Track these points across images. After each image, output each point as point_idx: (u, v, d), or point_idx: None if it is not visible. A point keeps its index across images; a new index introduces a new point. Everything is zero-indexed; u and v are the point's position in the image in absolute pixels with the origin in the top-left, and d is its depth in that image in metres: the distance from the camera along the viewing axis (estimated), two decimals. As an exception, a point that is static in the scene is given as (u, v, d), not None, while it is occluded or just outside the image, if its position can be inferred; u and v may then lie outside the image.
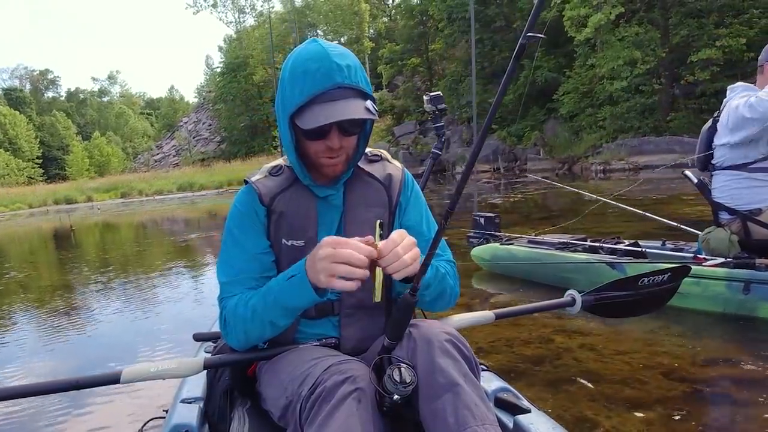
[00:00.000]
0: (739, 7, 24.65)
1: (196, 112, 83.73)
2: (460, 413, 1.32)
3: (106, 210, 33.69)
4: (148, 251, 12.78)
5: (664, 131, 25.38)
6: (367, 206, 1.75)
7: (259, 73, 59.01)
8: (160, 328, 5.65)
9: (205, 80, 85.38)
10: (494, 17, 35.44)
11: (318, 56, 1.52)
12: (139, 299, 7.13)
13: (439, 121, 3.95)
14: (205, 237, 14.41)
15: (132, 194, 45.15)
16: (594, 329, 4.24)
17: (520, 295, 5.50)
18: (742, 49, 23.24)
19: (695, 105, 25.28)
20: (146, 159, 78.45)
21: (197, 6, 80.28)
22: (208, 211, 24.83)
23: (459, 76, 38.40)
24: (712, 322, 4.23)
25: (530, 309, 2.20)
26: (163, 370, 1.66)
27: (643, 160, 23.83)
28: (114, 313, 6.44)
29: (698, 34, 24.43)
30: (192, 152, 68.93)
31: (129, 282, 8.49)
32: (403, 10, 50.98)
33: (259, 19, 69.57)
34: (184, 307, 6.49)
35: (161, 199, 40.17)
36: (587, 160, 26.80)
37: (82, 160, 67.13)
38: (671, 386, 3.17)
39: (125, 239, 17.00)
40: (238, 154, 58.90)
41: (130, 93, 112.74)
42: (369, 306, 1.70)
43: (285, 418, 1.51)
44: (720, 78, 23.78)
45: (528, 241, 6.14)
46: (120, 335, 5.59)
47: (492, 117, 1.32)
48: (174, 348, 4.89)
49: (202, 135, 74.39)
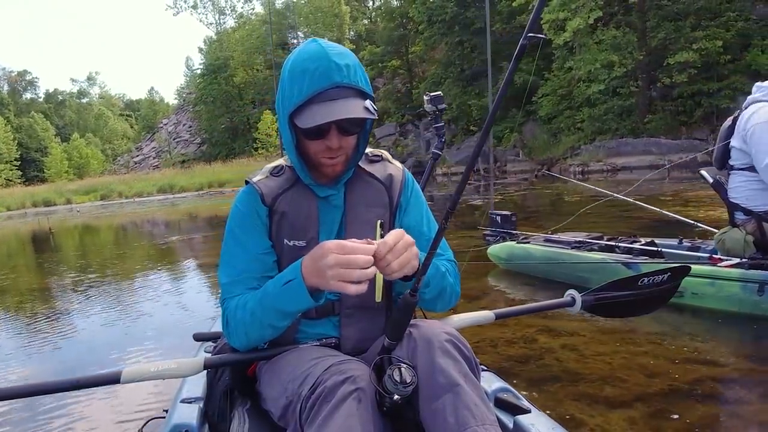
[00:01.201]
0: (716, 9, 25.02)
1: (177, 114, 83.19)
2: (460, 413, 1.33)
3: (86, 212, 33.46)
4: (128, 254, 12.75)
5: (642, 133, 25.75)
6: (367, 206, 1.75)
7: (239, 75, 58.86)
8: (140, 331, 5.62)
9: (186, 82, 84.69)
10: (474, 19, 35.61)
11: (317, 56, 1.53)
12: (119, 302, 7.11)
13: (439, 121, 3.98)
14: (185, 239, 14.39)
15: (112, 196, 44.82)
16: (577, 329, 4.29)
17: (534, 293, 5.53)
18: (718, 52, 23.64)
19: (672, 107, 25.66)
20: (126, 161, 77.90)
21: (177, 7, 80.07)
22: (189, 213, 24.75)
23: (439, 78, 38.62)
24: (691, 320, 4.31)
25: (530, 309, 2.22)
26: (163, 370, 1.67)
27: (621, 162, 24.16)
28: (94, 317, 6.40)
29: (675, 36, 24.78)
30: (172, 154, 68.57)
31: (109, 285, 8.46)
32: (383, 13, 51.26)
33: (239, 21, 69.45)
34: (165, 310, 6.46)
35: (141, 201, 39.90)
36: (566, 161, 27.12)
37: (61, 162, 66.44)
38: (651, 384, 3.23)
39: (105, 242, 16.92)
40: (219, 155, 58.58)
41: (109, 94, 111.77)
42: (369, 306, 1.72)
43: (285, 417, 1.51)
44: (697, 80, 24.24)
45: (544, 239, 6.13)
46: (99, 339, 5.56)
47: (493, 116, 1.37)
48: (156, 350, 4.89)
49: (183, 137, 73.99)
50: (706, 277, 4.34)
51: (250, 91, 60.13)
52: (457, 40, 36.84)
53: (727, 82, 23.99)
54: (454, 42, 37.19)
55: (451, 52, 38.19)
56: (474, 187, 22.26)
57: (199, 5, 72.37)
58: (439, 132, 4.01)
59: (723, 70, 24.42)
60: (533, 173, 26.70)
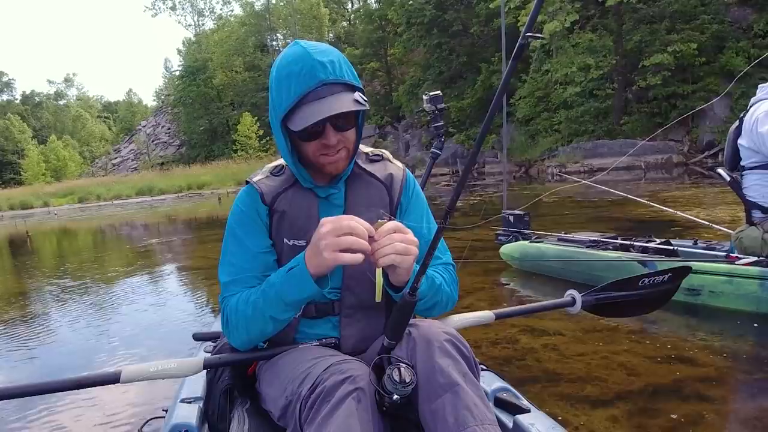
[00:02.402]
0: (691, 13, 25.45)
1: (155, 116, 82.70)
2: (459, 413, 1.33)
3: (63, 215, 33.15)
4: (106, 257, 12.67)
5: (618, 134, 26.08)
6: (368, 206, 1.71)
7: (218, 77, 58.61)
8: (118, 335, 5.60)
9: (164, 83, 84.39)
10: (452, 22, 35.82)
11: (299, 57, 1.53)
12: (97, 306, 7.07)
13: (438, 120, 3.96)
14: (165, 242, 14.36)
15: (90, 199, 44.40)
16: (560, 329, 4.32)
17: (547, 293, 5.49)
18: (693, 54, 24.03)
19: (647, 109, 26.03)
20: (104, 163, 77.29)
21: (156, 9, 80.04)
22: (168, 216, 24.63)
23: (418, 81, 38.81)
24: (669, 318, 4.37)
25: (530, 309, 2.23)
26: (163, 370, 1.67)
27: (598, 163, 24.38)
28: (71, 321, 6.36)
29: (650, 39, 25.17)
30: (151, 156, 68.16)
31: (87, 289, 8.41)
32: (362, 15, 51.33)
33: (218, 23, 69.22)
34: (144, 314, 6.43)
35: (120, 204, 39.55)
36: (543, 162, 27.39)
37: (38, 165, 65.73)
38: (631, 382, 3.27)
39: (83, 245, 16.80)
40: (198, 158, 58.29)
41: (87, 96, 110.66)
42: (369, 306, 1.73)
43: (285, 417, 1.51)
44: (671, 82, 24.54)
45: (558, 239, 6.11)
46: (76, 343, 5.53)
47: (491, 118, 1.39)
48: (135, 354, 4.89)
49: (161, 139, 73.58)
50: (724, 275, 4.35)
51: (230, 93, 59.87)
52: (435, 42, 37.01)
53: (701, 84, 24.37)
54: (432, 44, 37.37)
55: (430, 54, 38.36)
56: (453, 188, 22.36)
57: (178, 7, 72.16)
58: (439, 131, 4.02)
59: (698, 72, 24.79)
60: (511, 174, 26.90)
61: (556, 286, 5.63)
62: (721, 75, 24.22)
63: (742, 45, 24.26)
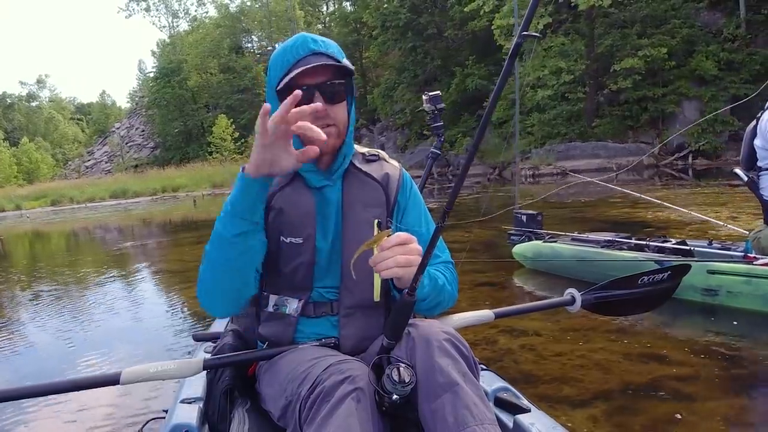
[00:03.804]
0: (662, 17, 25.93)
1: (129, 118, 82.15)
2: (459, 413, 1.32)
3: (36, 218, 32.71)
4: (81, 261, 12.61)
5: (590, 137, 26.43)
6: (364, 206, 1.73)
7: (193, 78, 58.19)
8: (93, 339, 5.61)
9: (138, 85, 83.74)
10: (426, 25, 36.05)
11: (296, 38, 1.64)
12: (71, 310, 7.03)
13: (438, 120, 3.89)
14: (140, 245, 14.31)
15: (63, 202, 43.81)
16: (539, 328, 4.40)
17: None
18: (663, 58, 24.41)
19: (619, 112, 26.43)
20: (77, 165, 76.46)
21: (130, 10, 79.32)
22: (143, 218, 24.49)
23: (393, 84, 38.96)
24: (647, 316, 4.41)
25: (530, 308, 2.24)
26: (163, 371, 1.67)
27: (570, 165, 24.69)
28: (44, 327, 6.35)
29: (621, 44, 25.55)
30: (125, 158, 67.61)
31: (61, 293, 8.40)
32: (337, 18, 51.48)
33: (193, 24, 68.85)
34: (119, 318, 6.42)
35: (93, 206, 39.04)
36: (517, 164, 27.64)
37: (10, 167, 64.83)
38: (607, 381, 3.35)
39: (57, 249, 16.68)
40: (173, 160, 57.83)
41: (60, 98, 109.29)
42: (368, 305, 1.72)
43: (285, 417, 1.51)
44: (642, 86, 24.95)
45: (572, 238, 6.09)
46: (51, 348, 5.53)
47: (488, 117, 1.40)
48: (112, 359, 4.91)
49: (135, 141, 73.05)
50: (742, 275, 4.38)
51: (204, 95, 59.51)
52: (410, 45, 37.18)
53: (672, 87, 24.78)
54: (407, 47, 37.53)
55: (405, 57, 38.51)
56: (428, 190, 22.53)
57: (152, 8, 71.75)
58: (438, 132, 3.96)
59: (668, 75, 25.19)
60: (486, 176, 27.14)
61: (554, 285, 5.69)
62: (691, 78, 24.67)
63: (712, 49, 24.69)
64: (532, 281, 6.27)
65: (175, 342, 5.26)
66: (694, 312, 4.48)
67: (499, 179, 26.71)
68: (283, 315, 1.72)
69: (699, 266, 4.58)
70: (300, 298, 1.71)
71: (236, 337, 1.93)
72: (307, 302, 1.71)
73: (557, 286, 5.73)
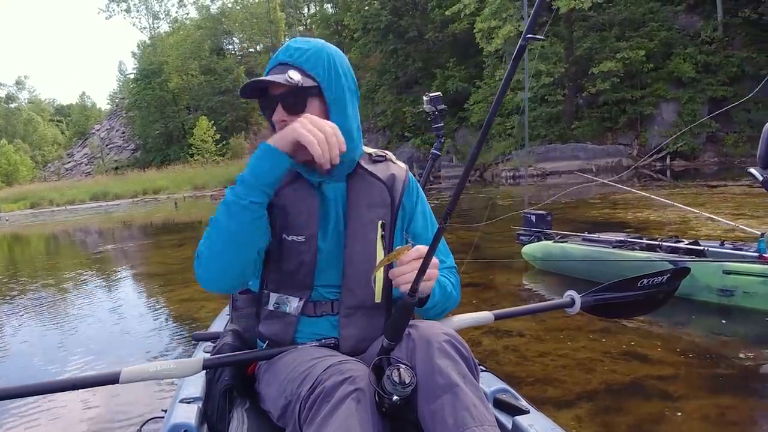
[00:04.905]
0: (640, 20, 26.27)
1: (109, 120, 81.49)
2: (458, 414, 1.32)
3: (15, 221, 32.45)
4: (61, 264, 12.57)
5: (569, 139, 26.64)
6: (369, 206, 1.73)
7: (174, 80, 57.87)
8: (74, 344, 5.61)
9: (119, 87, 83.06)
10: (407, 28, 36.16)
11: (286, 44, 1.66)
12: (51, 314, 7.00)
13: (438, 121, 3.87)
14: (121, 248, 14.28)
15: (42, 204, 43.47)
16: (521, 329, 4.41)
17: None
18: (642, 61, 24.70)
19: (597, 114, 26.70)
20: (57, 168, 75.75)
21: (110, 11, 78.89)
22: (124, 221, 24.39)
23: (374, 86, 38.99)
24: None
25: (529, 310, 2.22)
26: (162, 371, 1.66)
27: (550, 167, 24.93)
28: (22, 331, 6.34)
29: (600, 46, 25.82)
30: (105, 160, 67.10)
31: (40, 297, 8.34)
32: (318, 20, 51.44)
33: (173, 26, 68.51)
34: (99, 323, 6.40)
35: (73, 209, 38.74)
36: (497, 166, 27.85)
37: (-12, 169, 64.36)
38: (589, 381, 3.38)
39: (36, 252, 16.62)
40: (153, 162, 57.47)
41: (39, 99, 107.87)
42: (368, 306, 1.71)
43: (284, 417, 1.50)
44: (621, 88, 25.22)
45: (582, 239, 6.05)
46: (30, 352, 5.52)
47: (492, 118, 1.42)
48: (93, 361, 4.91)
49: (116, 143, 72.55)
50: (758, 275, 4.38)
51: (185, 97, 59.22)
52: (391, 48, 37.23)
53: (650, 89, 25.06)
54: (388, 50, 37.59)
55: (386, 60, 38.54)
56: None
57: (133, 9, 71.35)
58: (439, 132, 3.92)
59: (646, 78, 25.47)
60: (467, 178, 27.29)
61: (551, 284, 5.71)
62: (668, 81, 24.97)
63: (690, 51, 25.00)
64: (541, 282, 6.27)
65: (159, 344, 5.29)
66: (674, 312, 4.50)
67: (480, 181, 26.88)
68: (284, 314, 1.72)
69: (714, 266, 4.61)
70: (300, 297, 1.70)
71: (236, 337, 1.92)
72: (308, 301, 1.70)
73: (562, 287, 5.77)
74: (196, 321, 5.84)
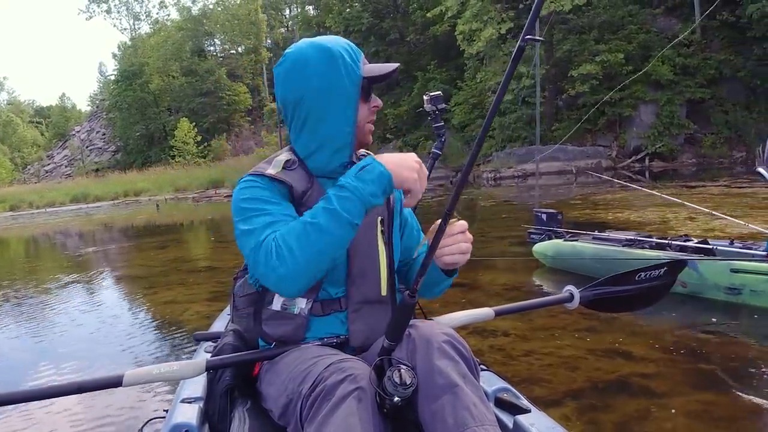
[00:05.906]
0: (619, 23, 26.56)
1: (89, 121, 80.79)
2: (459, 414, 1.33)
3: (-6, 224, 32.35)
4: (41, 267, 12.53)
5: (549, 140, 26.81)
6: None
7: (155, 81, 57.44)
8: (55, 348, 5.60)
9: (99, 88, 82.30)
10: (389, 30, 36.31)
11: (326, 41, 1.73)
12: (32, 318, 6.97)
13: (438, 121, 3.97)
14: (102, 251, 14.25)
15: (22, 207, 43.07)
16: (507, 328, 4.45)
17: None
18: (620, 63, 25.00)
19: (577, 116, 26.80)
20: (36, 170, 75.04)
21: (90, 12, 78.07)
22: (104, 223, 24.30)
23: (355, 87, 39.06)
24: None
25: (529, 305, 2.20)
26: (165, 373, 1.67)
27: (531, 168, 25.14)
28: (4, 334, 6.32)
29: (579, 49, 26.06)
30: (85, 162, 66.56)
31: (21, 300, 8.29)
32: (300, 22, 51.49)
33: (154, 27, 68.11)
34: (81, 326, 6.37)
35: (54, 211, 38.36)
36: (479, 168, 28.00)
37: (-33, 172, 63.74)
38: (574, 379, 3.42)
39: (16, 255, 16.51)
40: (134, 164, 57.04)
41: (18, 100, 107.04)
42: (375, 300, 1.73)
43: (285, 416, 1.51)
44: (599, 90, 25.42)
45: (593, 237, 6.08)
46: (12, 356, 5.51)
47: (490, 120, 1.46)
48: (80, 365, 4.91)
49: (96, 144, 71.99)
50: (765, 274, 4.43)
51: (166, 98, 58.79)
52: (373, 50, 37.31)
53: (629, 91, 25.28)
54: (370, 52, 37.64)
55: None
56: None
57: (113, 10, 70.68)
58: (439, 132, 4.02)
59: (625, 80, 25.66)
60: (448, 179, 27.45)
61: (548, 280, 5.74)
62: (647, 83, 25.20)
63: (668, 54, 25.27)
64: (552, 279, 6.33)
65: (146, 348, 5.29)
66: (661, 307, 4.55)
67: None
68: (293, 315, 1.69)
69: (723, 265, 4.69)
70: (308, 298, 1.67)
71: (237, 337, 1.90)
72: (316, 301, 1.69)
73: (560, 284, 5.78)
74: (182, 323, 5.86)
